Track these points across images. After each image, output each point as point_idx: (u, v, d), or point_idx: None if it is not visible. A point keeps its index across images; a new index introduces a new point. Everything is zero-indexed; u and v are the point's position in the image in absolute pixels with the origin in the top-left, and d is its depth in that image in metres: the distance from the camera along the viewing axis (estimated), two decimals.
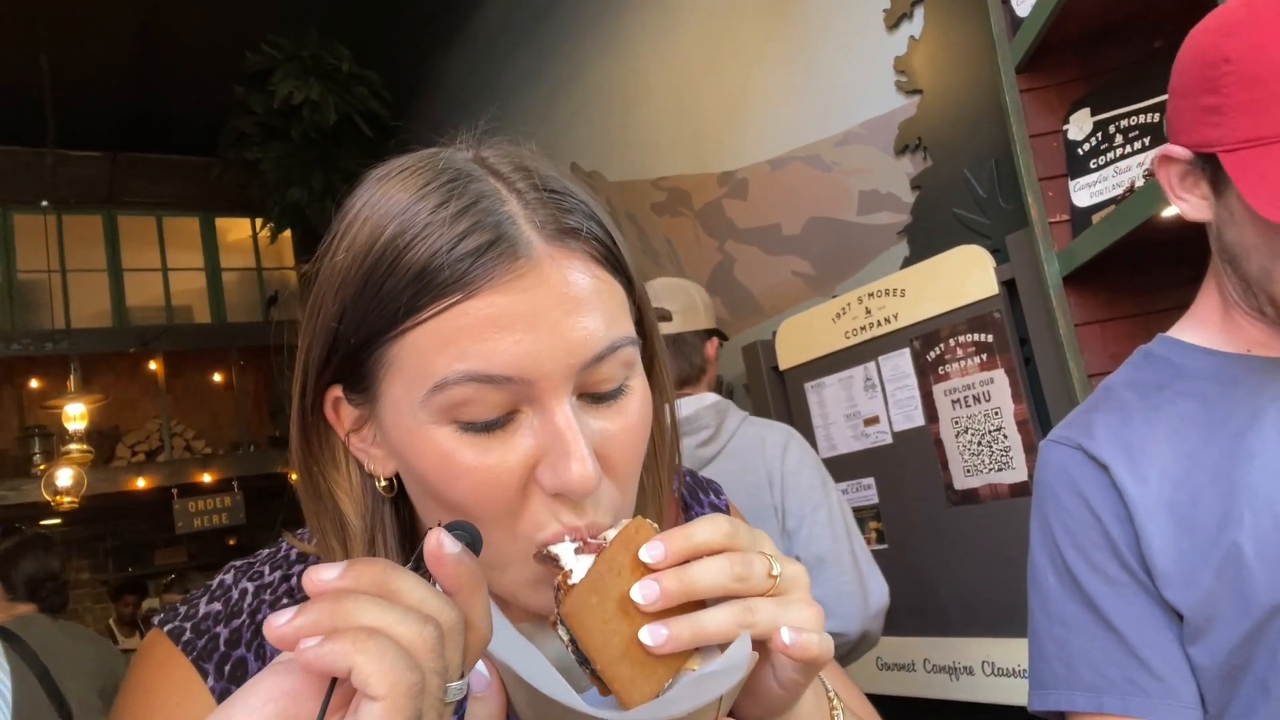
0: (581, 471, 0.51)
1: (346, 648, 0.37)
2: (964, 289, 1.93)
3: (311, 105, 6.18)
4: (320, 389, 0.58)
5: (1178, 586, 0.82)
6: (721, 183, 3.11)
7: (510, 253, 0.51)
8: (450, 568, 0.42)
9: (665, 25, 3.39)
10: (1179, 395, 0.90)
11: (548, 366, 0.51)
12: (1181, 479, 0.85)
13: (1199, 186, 0.86)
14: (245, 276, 10.05)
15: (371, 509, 0.59)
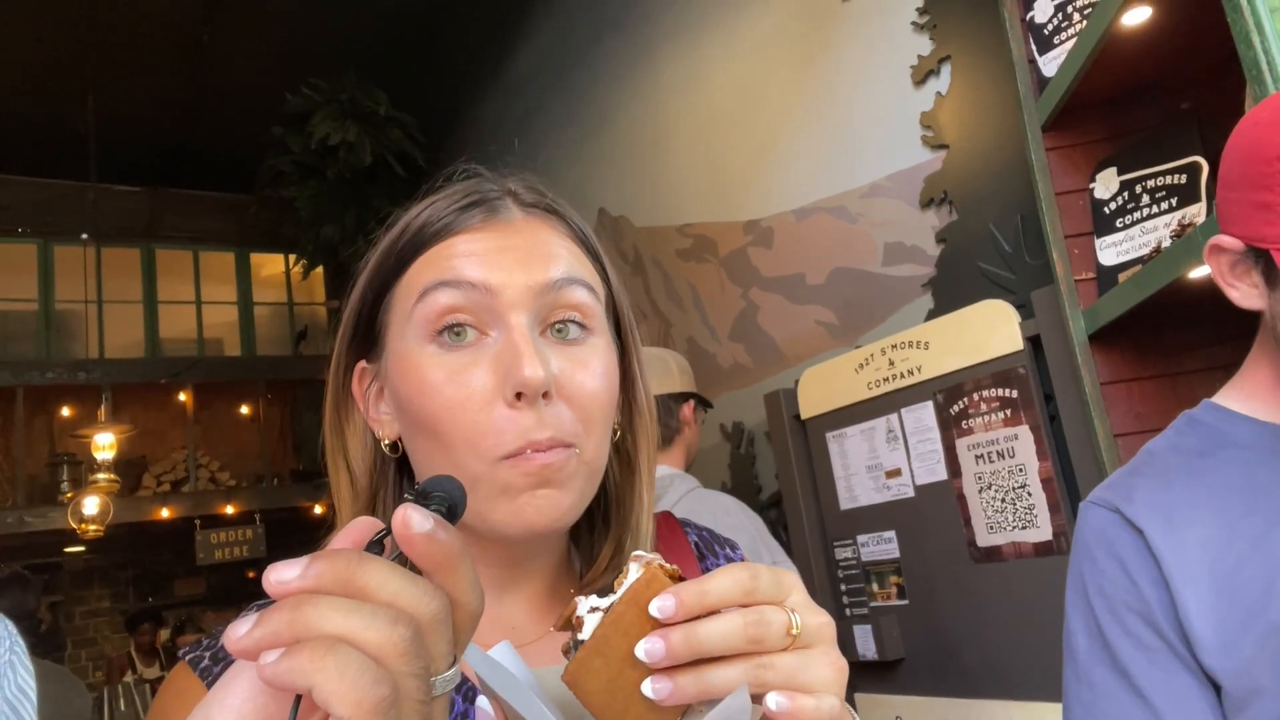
0: (531, 369, 0.57)
1: (305, 664, 0.34)
2: (988, 343, 1.92)
3: (348, 146, 6.32)
4: (350, 364, 0.69)
5: (1216, 654, 0.81)
6: (747, 231, 3.13)
7: (492, 211, 0.65)
8: (421, 547, 0.39)
9: (695, 75, 3.45)
10: (1223, 463, 0.89)
11: (509, 283, 0.61)
12: (1223, 546, 0.84)
13: (1250, 275, 0.86)
14: (276, 311, 10.20)
15: (378, 468, 0.68)
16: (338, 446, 0.69)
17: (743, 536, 1.83)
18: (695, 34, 3.44)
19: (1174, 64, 1.41)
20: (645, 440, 0.72)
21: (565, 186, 4.46)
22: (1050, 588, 1.77)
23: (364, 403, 0.69)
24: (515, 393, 0.58)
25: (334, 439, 0.70)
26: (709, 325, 3.35)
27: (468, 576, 0.41)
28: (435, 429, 0.60)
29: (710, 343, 3.31)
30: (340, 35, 6.16)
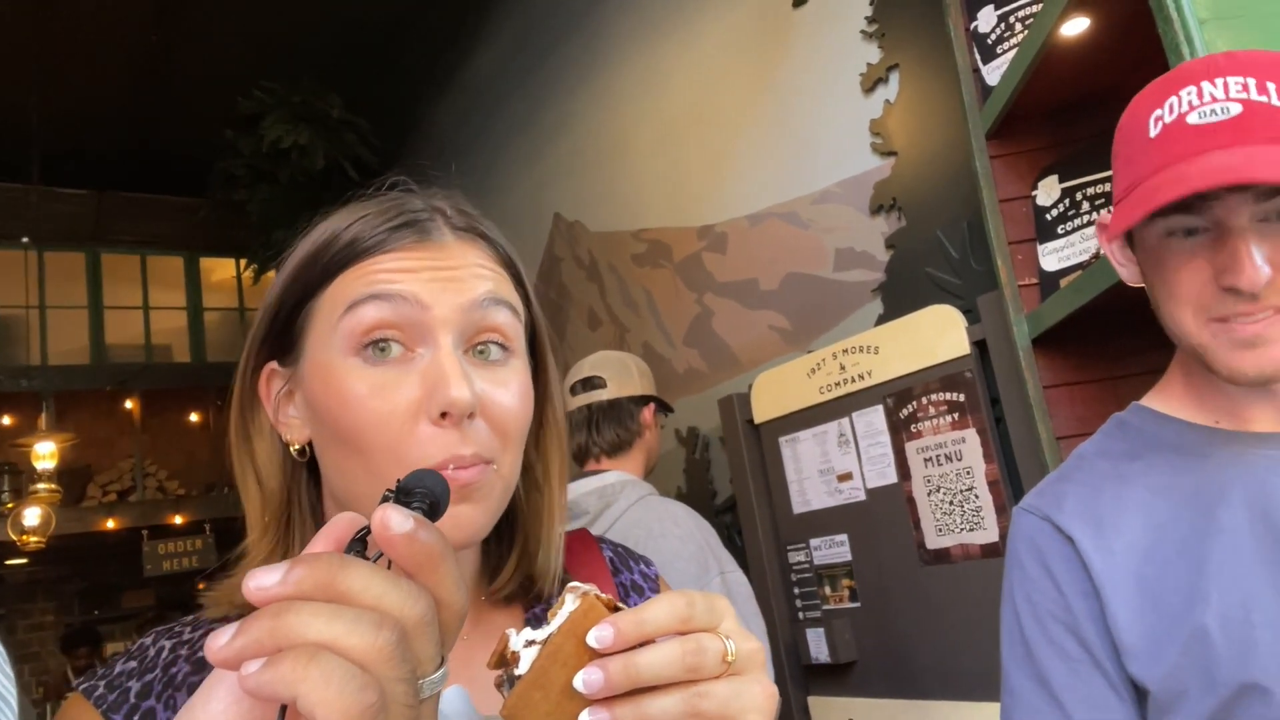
0: (459, 390, 0.59)
1: (288, 674, 0.33)
2: (936, 348, 1.94)
3: (300, 150, 6.23)
4: (259, 365, 0.69)
5: (1143, 661, 0.82)
6: (701, 236, 3.14)
7: (423, 231, 0.66)
8: (403, 548, 0.38)
9: (652, 83, 3.46)
10: (1150, 467, 0.90)
11: (440, 301, 0.62)
12: (1150, 551, 0.85)
13: (1127, 250, 0.92)
14: (227, 316, 10.02)
15: (289, 471, 0.69)
16: (244, 449, 0.70)
17: (691, 546, 1.82)
18: (651, 41, 3.45)
19: (1111, 74, 1.45)
20: (556, 456, 0.75)
21: (522, 191, 4.44)
22: (997, 588, 1.79)
23: (270, 404, 0.69)
24: (441, 412, 0.59)
25: (240, 441, 0.70)
26: (664, 330, 3.35)
27: (451, 575, 0.40)
28: (356, 440, 0.61)
29: (665, 348, 3.32)
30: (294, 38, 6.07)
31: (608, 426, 2.00)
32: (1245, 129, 0.76)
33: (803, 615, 2.26)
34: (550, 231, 4.16)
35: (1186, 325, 0.84)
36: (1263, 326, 0.79)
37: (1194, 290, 0.82)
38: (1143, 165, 0.83)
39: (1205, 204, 0.80)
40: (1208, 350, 0.83)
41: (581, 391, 2.05)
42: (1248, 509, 0.83)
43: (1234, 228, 0.79)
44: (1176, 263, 0.83)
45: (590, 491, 1.88)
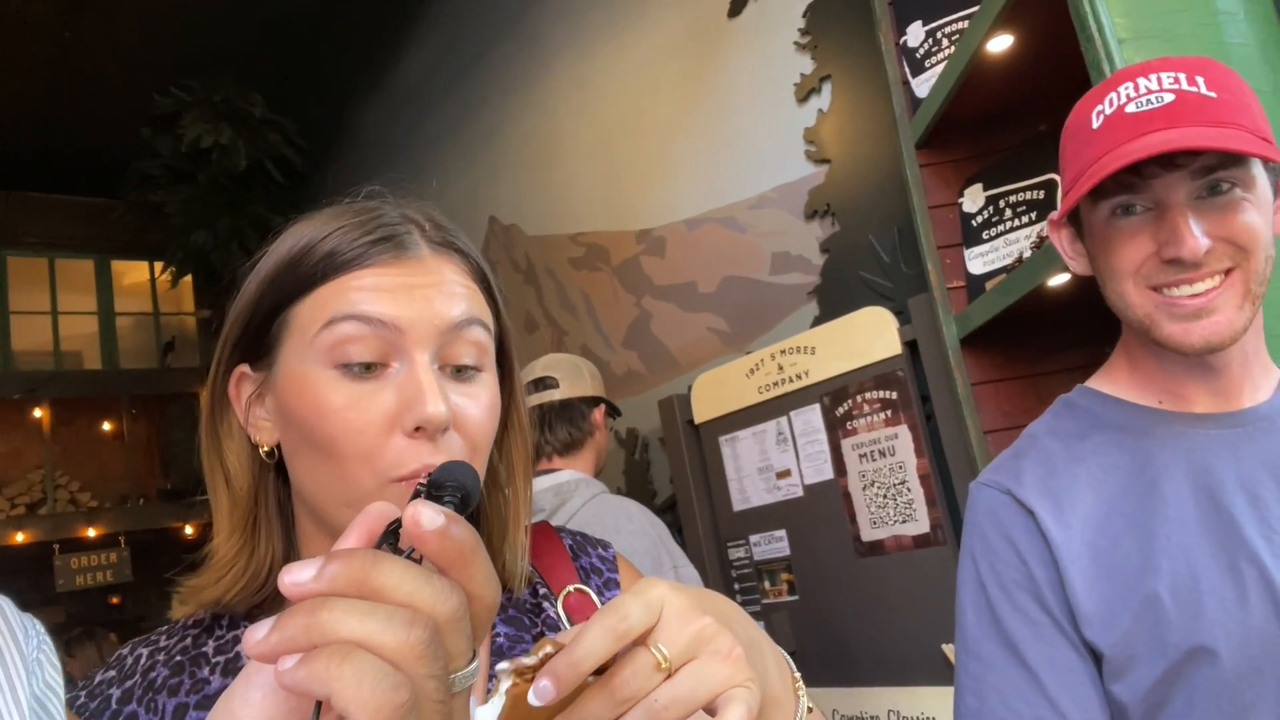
0: (435, 407, 0.61)
1: (322, 672, 0.34)
2: (870, 348, 2.02)
3: (221, 149, 6.07)
4: (230, 367, 0.70)
5: (1098, 627, 0.87)
6: (639, 240, 3.18)
7: (400, 246, 0.67)
8: (434, 545, 0.39)
9: (587, 86, 3.49)
10: (1099, 445, 0.95)
11: (416, 321, 0.64)
12: (1102, 524, 0.90)
13: (1077, 243, 0.98)
14: (141, 322, 9.66)
15: (257, 473, 0.70)
16: (214, 449, 0.70)
17: (644, 542, 1.86)
18: (586, 47, 3.48)
19: (1034, 88, 1.54)
20: (520, 459, 0.78)
21: (455, 195, 4.42)
22: (929, 578, 1.88)
23: (240, 405, 0.70)
24: (416, 426, 0.61)
25: (210, 441, 0.71)
26: (603, 333, 3.38)
27: (484, 570, 0.41)
28: (330, 448, 0.62)
29: (605, 351, 3.35)
30: (215, 35, 5.91)
31: (560, 426, 2.02)
32: (1178, 113, 0.83)
33: None
34: (485, 235, 4.15)
35: (1131, 297, 0.89)
36: (1204, 300, 0.84)
37: (1136, 262, 0.87)
38: (1086, 155, 0.89)
39: (1145, 183, 0.86)
40: (1153, 322, 0.87)
41: (534, 392, 2.08)
42: (1191, 485, 0.89)
43: (1172, 204, 0.85)
44: (1121, 240, 0.88)
45: (545, 489, 1.91)
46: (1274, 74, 1.19)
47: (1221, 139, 0.80)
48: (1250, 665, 0.82)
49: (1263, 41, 1.19)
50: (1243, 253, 0.84)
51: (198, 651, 0.68)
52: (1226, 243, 0.84)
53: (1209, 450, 0.90)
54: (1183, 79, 0.85)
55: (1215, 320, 0.85)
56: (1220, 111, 0.82)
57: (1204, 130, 0.82)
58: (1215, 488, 0.88)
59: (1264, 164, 0.88)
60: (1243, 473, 0.88)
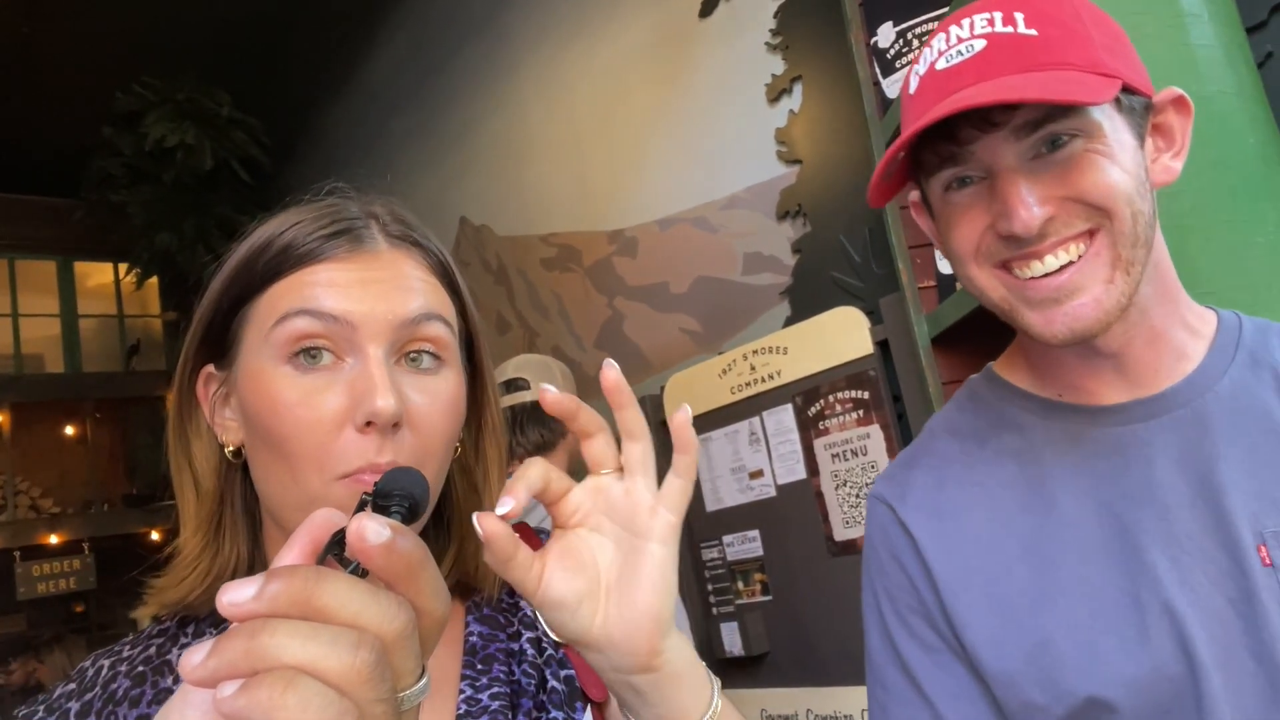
0: (385, 401, 0.60)
1: (264, 701, 0.33)
2: (842, 348, 2.03)
3: (186, 149, 5.98)
4: (197, 367, 0.69)
5: (988, 667, 0.77)
6: (611, 241, 3.18)
7: (356, 239, 0.66)
8: (380, 560, 0.38)
9: (557, 87, 3.47)
10: (998, 453, 0.84)
11: (370, 316, 0.63)
12: (994, 549, 0.79)
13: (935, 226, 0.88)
14: (105, 324, 9.51)
15: (223, 473, 0.69)
16: (181, 450, 0.70)
17: None
18: (556, 47, 3.47)
19: None
20: (495, 459, 0.77)
21: (425, 195, 4.39)
22: None
23: (207, 406, 0.69)
24: (366, 420, 0.60)
25: (178, 441, 0.70)
26: (575, 334, 3.37)
27: (432, 583, 0.39)
28: (283, 446, 0.62)
29: (577, 352, 3.33)
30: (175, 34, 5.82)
31: (532, 428, 2.01)
32: (987, 63, 0.71)
33: (716, 610, 2.31)
34: (456, 235, 4.12)
35: (980, 280, 0.77)
36: (1062, 279, 0.72)
37: (972, 240, 0.75)
38: (905, 125, 0.77)
39: (966, 151, 0.73)
40: (1012, 309, 0.75)
41: (505, 394, 2.06)
42: (1093, 500, 0.77)
43: (1000, 170, 0.72)
44: (956, 217, 0.76)
45: None
46: (1237, 75, 1.21)
47: (1026, 87, 0.67)
48: (1155, 712, 0.70)
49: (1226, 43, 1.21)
50: (1100, 213, 0.71)
51: (161, 660, 0.67)
52: (1076, 203, 0.71)
53: (1116, 453, 0.77)
54: (998, 19, 0.72)
55: (1080, 303, 0.71)
56: (1040, 52, 0.70)
57: (1011, 80, 0.69)
58: (1119, 502, 0.76)
59: (1121, 103, 0.73)
60: (1154, 477, 0.75)
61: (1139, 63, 0.77)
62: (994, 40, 0.71)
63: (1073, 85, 0.67)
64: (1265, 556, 0.70)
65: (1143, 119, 0.76)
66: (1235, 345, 0.80)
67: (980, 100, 0.66)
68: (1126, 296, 0.72)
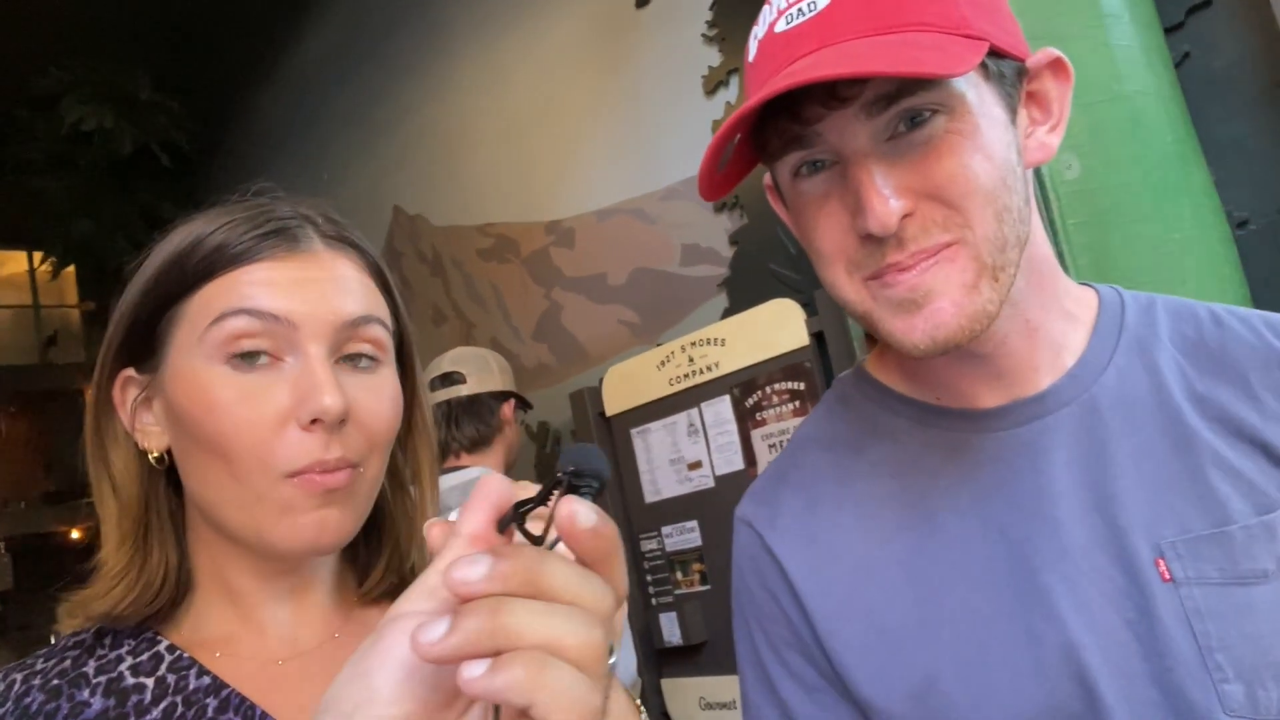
0: (332, 398, 0.60)
1: (525, 682, 0.33)
2: (778, 340, 2.05)
3: (104, 133, 5.75)
4: (114, 371, 0.67)
5: (873, 704, 0.69)
6: (549, 231, 3.15)
7: (292, 240, 0.65)
8: (590, 543, 0.38)
9: (494, 75, 3.43)
10: (873, 466, 0.75)
11: (310, 316, 0.63)
12: (873, 574, 0.71)
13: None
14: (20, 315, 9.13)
15: (145, 480, 0.68)
16: (99, 457, 0.68)
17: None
18: (493, 35, 3.42)
19: None
20: (426, 457, 0.77)
21: (358, 183, 4.30)
22: None
23: (126, 412, 0.68)
24: (311, 419, 0.61)
25: (95, 449, 0.69)
26: (512, 326, 3.34)
27: (623, 566, 0.40)
28: (221, 446, 0.61)
29: (514, 343, 3.31)
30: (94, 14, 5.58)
31: (467, 422, 1.99)
32: (831, 24, 0.60)
33: (655, 601, 2.32)
34: (390, 225, 4.05)
35: (845, 291, 0.66)
36: (917, 276, 0.62)
37: (835, 241, 0.65)
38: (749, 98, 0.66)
39: (814, 131, 0.62)
40: (875, 319, 0.65)
41: (440, 387, 2.03)
42: (978, 516, 0.69)
43: (850, 154, 0.62)
44: (810, 210, 0.66)
45: (453, 487, 1.87)
46: (1155, 75, 1.25)
47: (873, 57, 0.56)
48: None
49: (1145, 44, 1.25)
50: (957, 216, 0.61)
51: (77, 672, 0.64)
52: (934, 201, 0.61)
53: (1000, 462, 0.69)
54: None
55: (937, 308, 0.62)
56: (892, 10, 0.60)
57: (856, 47, 0.58)
58: (1006, 516, 0.68)
59: (989, 70, 0.63)
60: (1042, 487, 0.67)
61: (1011, 20, 0.67)
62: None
63: (929, 53, 0.57)
64: (1164, 571, 0.63)
65: (1015, 87, 0.65)
66: (1118, 329, 0.72)
67: (817, 74, 0.55)
68: (995, 304, 0.62)
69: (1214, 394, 0.68)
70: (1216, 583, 0.62)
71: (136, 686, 0.64)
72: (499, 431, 2.03)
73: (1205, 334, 0.71)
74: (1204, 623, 0.61)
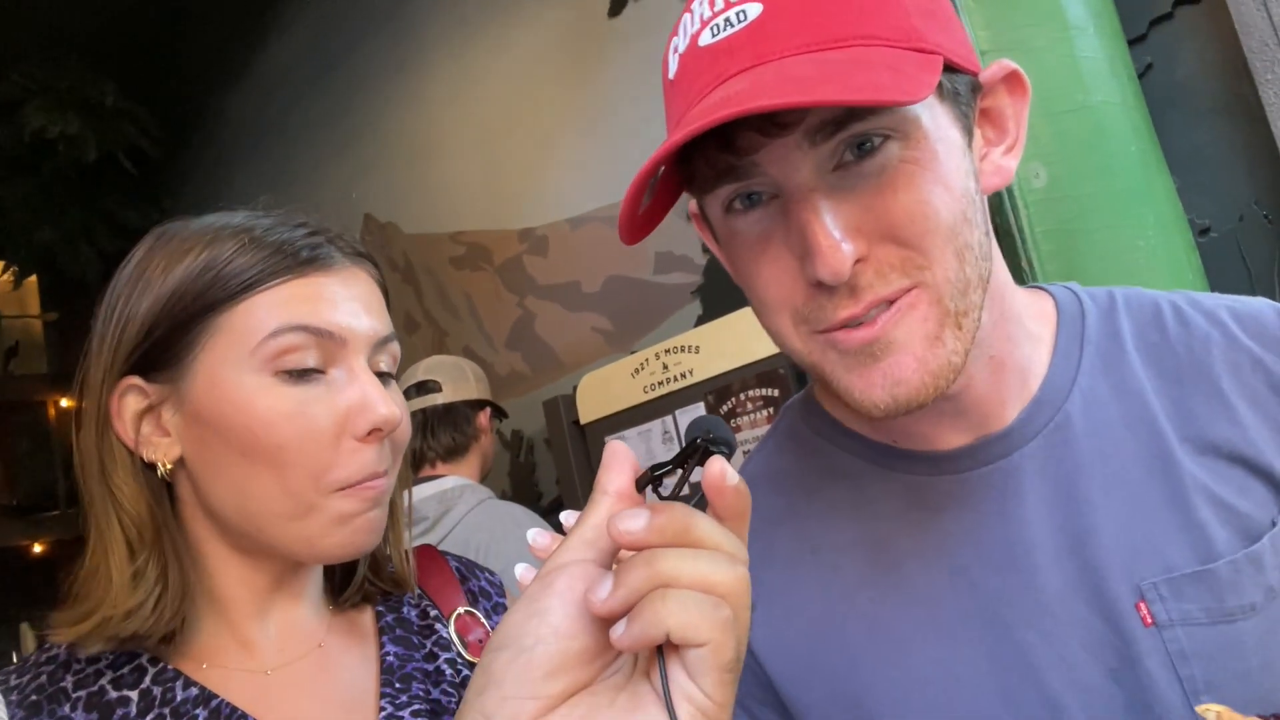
0: (389, 409, 0.64)
1: (651, 617, 0.38)
2: (752, 347, 2.06)
3: (68, 140, 5.66)
4: (114, 381, 0.66)
5: None
6: (522, 239, 3.15)
7: (329, 255, 0.68)
8: (731, 499, 0.42)
9: (466, 82, 3.42)
10: (828, 510, 0.68)
11: (356, 331, 0.66)
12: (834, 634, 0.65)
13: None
14: None
15: (151, 491, 0.67)
16: (100, 472, 0.67)
17: None
18: (464, 40, 3.42)
19: None
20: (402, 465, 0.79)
21: (328, 190, 4.26)
22: None
23: (124, 421, 0.67)
24: (368, 430, 0.64)
25: (94, 464, 0.67)
26: (485, 334, 3.33)
27: (749, 525, 0.45)
28: (276, 458, 0.62)
29: (487, 351, 3.30)
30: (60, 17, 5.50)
31: (443, 431, 1.98)
32: (765, 37, 0.53)
33: None
34: (361, 233, 4.02)
35: (792, 342, 0.60)
36: (876, 329, 0.55)
37: (781, 290, 0.58)
38: (669, 121, 0.60)
39: (750, 162, 0.55)
40: (827, 373, 0.59)
41: (416, 396, 2.02)
42: (945, 565, 0.63)
43: (793, 188, 0.55)
44: (748, 252, 0.59)
45: (429, 497, 1.86)
46: (1120, 85, 1.28)
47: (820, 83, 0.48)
48: None
49: (1110, 55, 1.27)
50: (916, 257, 0.54)
51: (55, 688, 0.64)
52: (889, 244, 0.54)
53: (966, 507, 0.63)
54: None
55: (898, 361, 0.55)
56: (835, 20, 0.52)
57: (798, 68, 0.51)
58: (976, 567, 0.62)
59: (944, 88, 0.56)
60: (1012, 532, 0.62)
61: (961, 29, 0.60)
62: (772, 2, 0.53)
63: (882, 74, 0.49)
64: (1146, 615, 0.58)
65: (969, 104, 0.59)
66: (1079, 342, 0.66)
67: (756, 105, 0.48)
68: (960, 356, 0.56)
69: (1186, 408, 0.63)
70: (1202, 623, 0.58)
71: (121, 700, 0.63)
72: (475, 440, 2.02)
73: (1170, 336, 0.65)
74: (1189, 666, 0.57)
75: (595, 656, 0.42)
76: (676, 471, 0.46)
